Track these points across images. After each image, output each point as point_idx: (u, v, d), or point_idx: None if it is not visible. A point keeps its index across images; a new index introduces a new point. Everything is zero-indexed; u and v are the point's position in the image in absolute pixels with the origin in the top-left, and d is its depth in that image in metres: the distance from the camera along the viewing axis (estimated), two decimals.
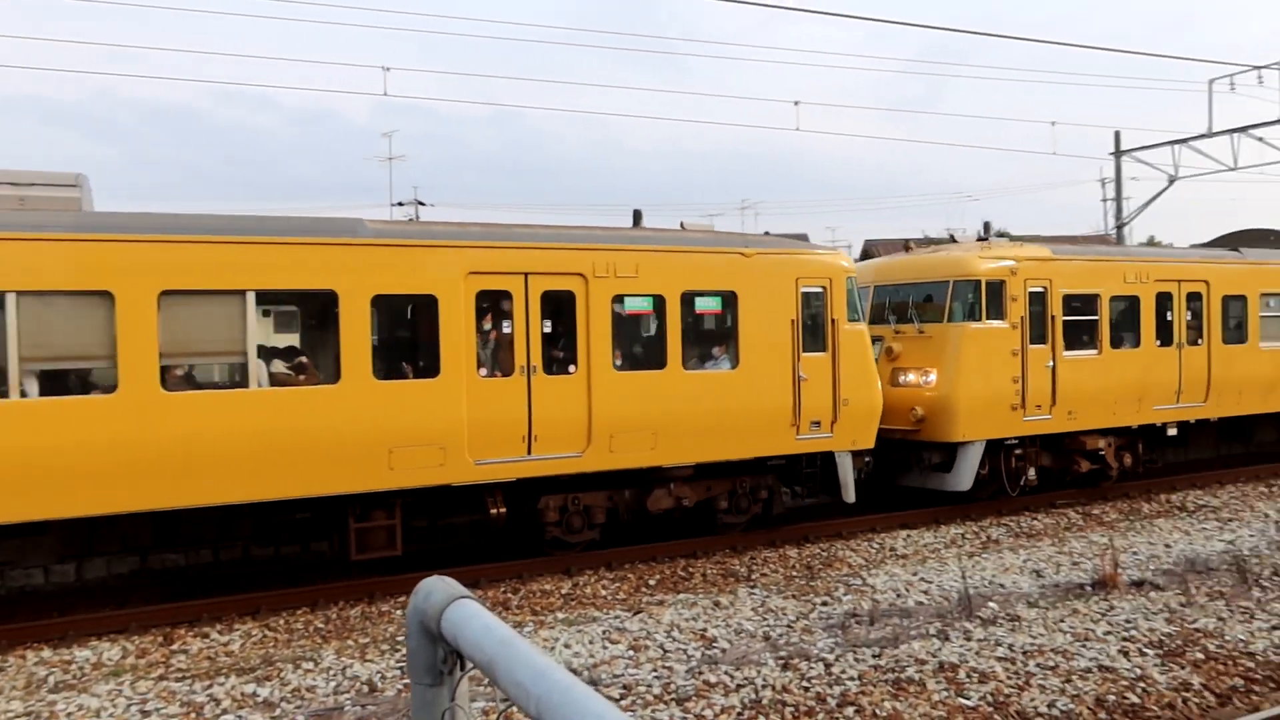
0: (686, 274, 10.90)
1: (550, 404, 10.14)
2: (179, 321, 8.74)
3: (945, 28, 16.37)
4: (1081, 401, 13.68)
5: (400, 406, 9.47)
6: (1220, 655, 7.65)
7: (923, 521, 12.79)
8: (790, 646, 7.96)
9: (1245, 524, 12.44)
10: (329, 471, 9.19)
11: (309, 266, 9.20)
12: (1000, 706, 6.72)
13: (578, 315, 10.32)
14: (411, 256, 9.62)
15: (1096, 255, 14.86)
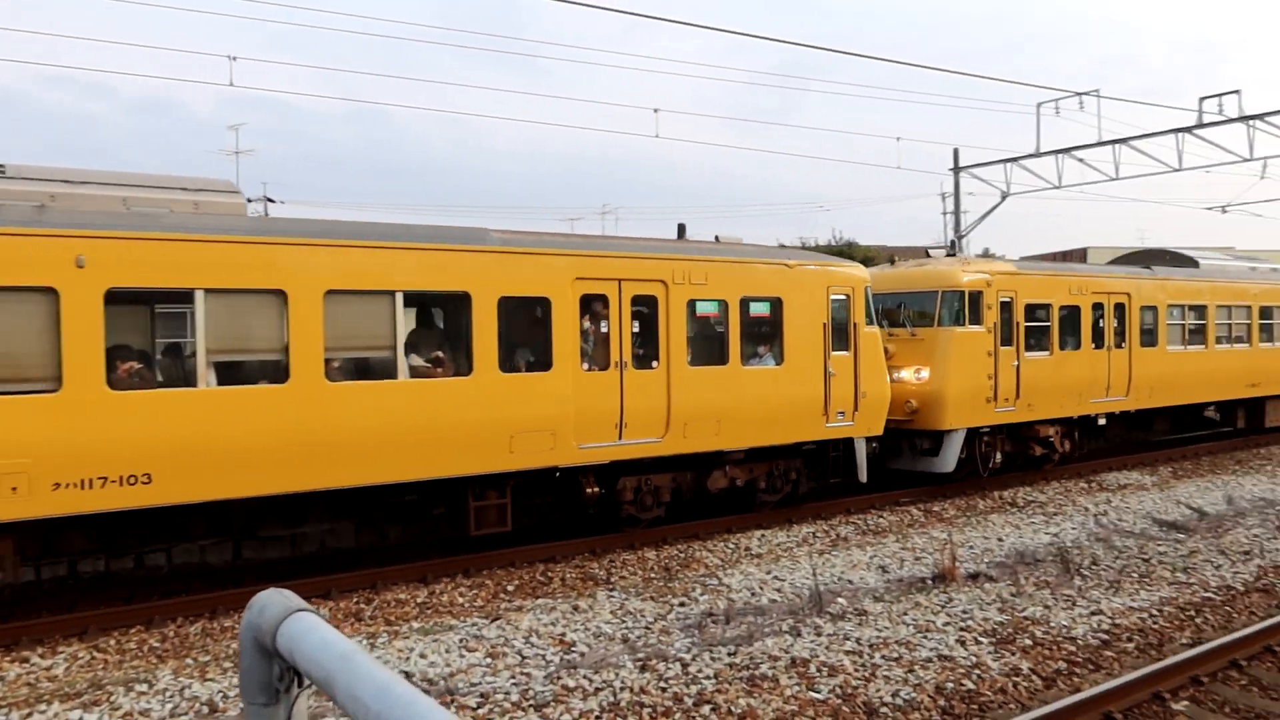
0: (744, 282, 12.36)
1: (637, 395, 11.42)
2: (339, 318, 9.54)
3: (799, 43, 16.91)
4: (1038, 395, 15.93)
5: (520, 396, 10.58)
6: (1046, 641, 8.16)
7: (776, 522, 13.14)
8: (648, 648, 8.02)
9: (1068, 518, 13.33)
10: (461, 455, 10.20)
11: (447, 271, 10.19)
12: (848, 698, 6.96)
13: (659, 317, 11.67)
14: (530, 262, 10.71)
15: (1049, 271, 17.16)
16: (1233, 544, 11.64)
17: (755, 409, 12.35)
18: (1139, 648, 8.13)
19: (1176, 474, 17.19)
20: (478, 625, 8.70)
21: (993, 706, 6.88)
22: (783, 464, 13.24)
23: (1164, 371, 18.31)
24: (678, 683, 7.23)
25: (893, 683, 7.22)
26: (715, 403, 11.99)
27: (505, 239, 10.69)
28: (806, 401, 12.92)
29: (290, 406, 9.20)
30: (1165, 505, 14.12)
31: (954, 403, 14.73)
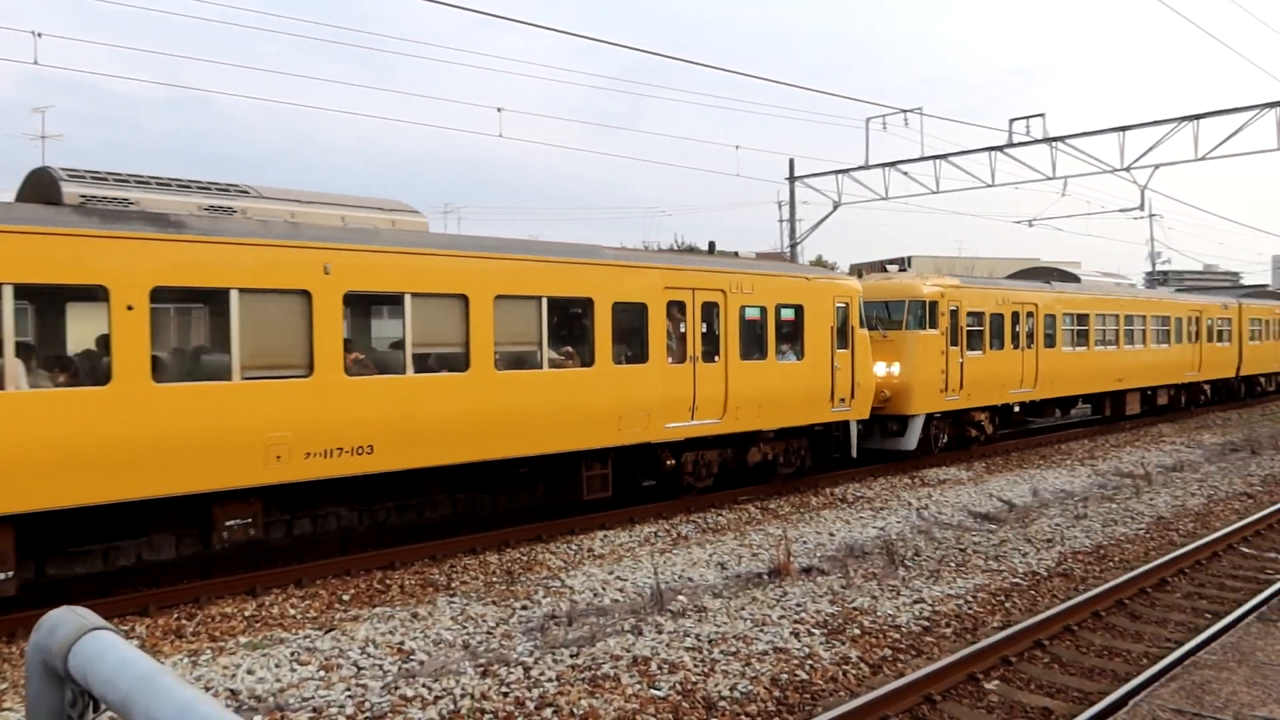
0: (778, 292, 14.88)
1: (705, 384, 13.71)
2: (504, 318, 11.37)
3: (644, 49, 17.11)
4: (976, 387, 19.08)
5: (627, 384, 12.70)
6: (873, 630, 8.56)
7: (618, 522, 13.24)
8: (490, 653, 7.92)
9: (893, 512, 14.03)
10: (585, 432, 12.23)
11: (576, 280, 12.21)
12: (688, 694, 7.08)
13: (720, 320, 13.99)
14: (635, 274, 12.91)
15: (982, 285, 20.32)
16: (1038, 533, 12.55)
17: (784, 395, 14.91)
18: (956, 632, 8.64)
19: (989, 469, 18.39)
20: (311, 637, 8.36)
21: (824, 695, 7.16)
22: (795, 443, 15.80)
23: (1060, 368, 21.84)
24: (520, 687, 7.17)
25: (731, 676, 7.40)
26: (757, 390, 14.46)
27: (616, 254, 13.15)
28: (819, 390, 15.60)
29: (470, 391, 11.08)
30: (979, 498, 15.08)
31: (918, 392, 17.76)
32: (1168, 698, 5.86)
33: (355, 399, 10.10)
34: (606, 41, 15.20)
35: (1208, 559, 11.20)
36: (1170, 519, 13.65)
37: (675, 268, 13.58)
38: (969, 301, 19.07)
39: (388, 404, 10.35)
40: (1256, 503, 14.89)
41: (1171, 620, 9.05)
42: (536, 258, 11.86)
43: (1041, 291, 21.79)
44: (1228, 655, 6.64)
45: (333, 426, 9.89)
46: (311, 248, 9.86)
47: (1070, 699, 7.15)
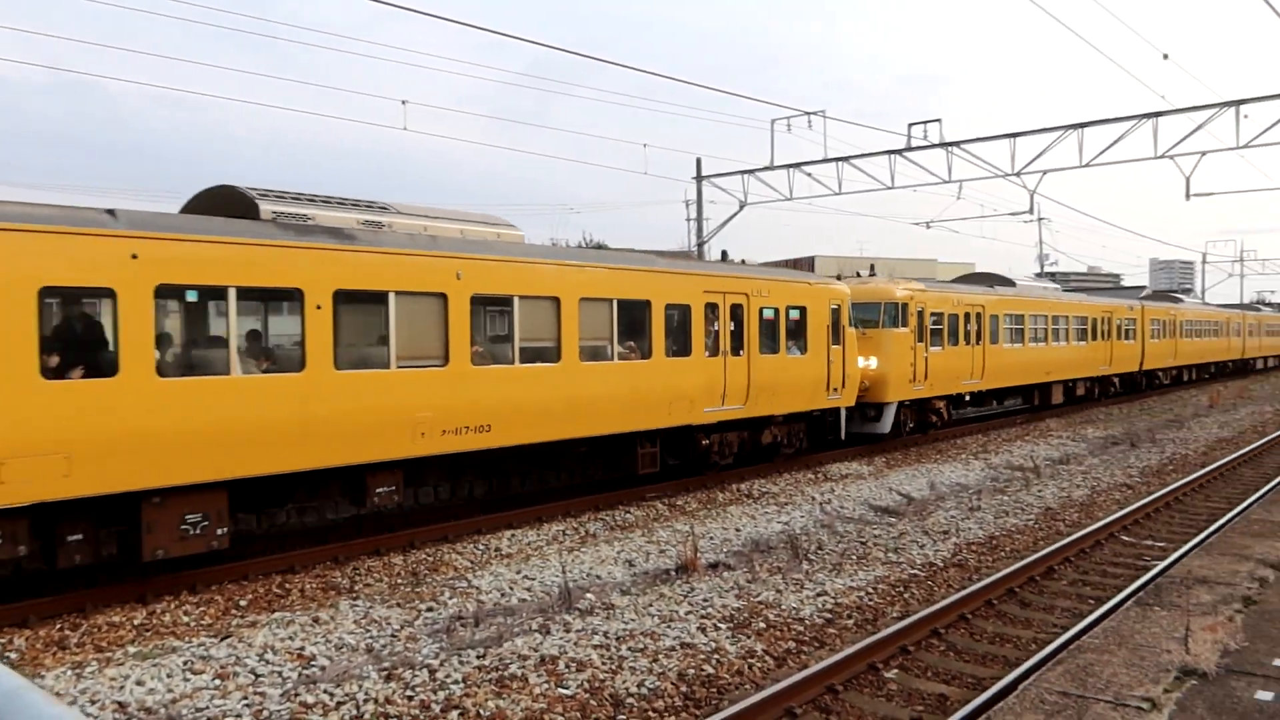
0: (788, 295, 17.08)
1: (732, 374, 15.74)
2: (585, 317, 13.26)
3: (552, 45, 17.04)
4: (936, 378, 21.59)
5: (675, 374, 14.67)
6: (778, 623, 8.72)
7: (526, 521, 13.17)
8: (394, 656, 7.79)
9: (797, 507, 14.31)
10: (643, 415, 14.18)
11: (638, 285, 14.22)
12: (596, 692, 7.09)
13: (744, 319, 16.03)
14: (682, 279, 14.97)
15: (941, 289, 22.80)
16: (934, 525, 12.97)
17: (792, 385, 17.11)
18: (857, 623, 8.87)
19: (889, 464, 18.92)
20: (205, 645, 8.09)
21: (730, 688, 7.26)
22: (795, 426, 17.94)
23: (1002, 362, 24.77)
24: (425, 690, 7.07)
25: (638, 673, 7.44)
26: (772, 380, 16.58)
27: (668, 263, 15.50)
28: (818, 380, 17.84)
29: (562, 379, 12.91)
30: (880, 492, 15.50)
31: (893, 383, 20.17)
32: (1054, 681, 6.13)
33: (478, 385, 11.90)
34: (513, 36, 15.10)
35: (1091, 547, 11.75)
36: (1057, 510, 14.27)
37: (711, 274, 15.82)
38: (931, 304, 21.59)
39: (502, 389, 12.17)
40: (1135, 493, 15.68)
41: (1058, 607, 9.47)
42: (609, 266, 13.95)
43: (987, 295, 24.65)
44: (1109, 639, 6.98)
45: (462, 408, 11.70)
46: (447, 257, 11.64)
47: (965, 685, 7.41)
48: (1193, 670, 6.20)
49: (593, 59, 17.40)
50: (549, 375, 12.75)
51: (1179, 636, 6.86)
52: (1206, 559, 9.41)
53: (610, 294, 13.70)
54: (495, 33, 14.02)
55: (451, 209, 12.97)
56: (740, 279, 16.19)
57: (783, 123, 27.27)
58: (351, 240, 10.72)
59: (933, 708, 6.98)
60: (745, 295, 16.09)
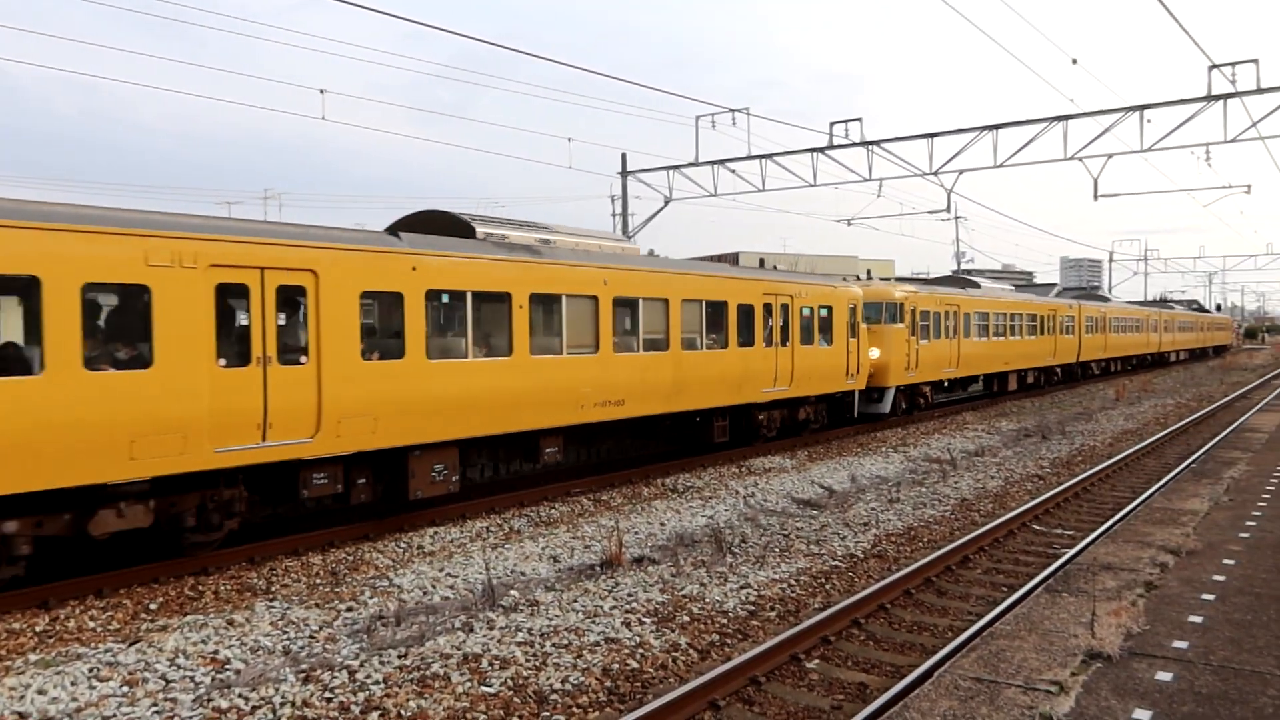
0: (820, 296, 20.58)
1: (782, 362, 19.22)
2: (684, 314, 16.40)
3: (473, 37, 16.80)
4: (924, 367, 25.38)
5: (745, 361, 18.02)
6: (702, 616, 8.78)
7: (449, 518, 13.02)
8: (313, 658, 7.62)
9: (721, 500, 14.43)
10: (720, 394, 17.39)
11: (720, 289, 17.45)
12: (520, 689, 7.05)
13: (790, 316, 19.50)
14: (749, 284, 18.26)
15: (929, 291, 26.56)
16: (855, 517, 13.21)
17: (822, 370, 20.54)
18: (780, 615, 8.98)
19: (812, 457, 19.21)
20: (112, 651, 7.80)
21: (655, 682, 7.28)
22: (820, 406, 21.53)
23: (972, 353, 28.69)
24: (344, 691, 6.94)
25: (563, 669, 7.41)
26: (807, 366, 19.95)
27: (739, 271, 18.88)
28: (840, 367, 21.26)
29: (670, 365, 16.10)
30: (802, 485, 15.72)
31: (893, 370, 23.84)
32: (968, 667, 6.29)
33: (617, 368, 15.02)
34: (434, 27, 14.86)
35: (1004, 537, 12.11)
36: (972, 500, 14.67)
37: (768, 279, 19.13)
38: (921, 303, 25.43)
39: (632, 372, 15.30)
40: (1046, 484, 16.21)
41: (973, 595, 9.73)
42: (700, 273, 17.23)
43: (962, 295, 28.52)
44: (1020, 625, 7.20)
45: (607, 386, 14.79)
46: (598, 268, 14.76)
47: (884, 673, 7.57)
48: (1098, 654, 6.43)
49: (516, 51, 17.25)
50: (662, 361, 15.97)
51: (1085, 621, 7.11)
52: (1112, 546, 9.77)
53: (701, 296, 16.96)
54: (417, 23, 13.78)
55: (590, 229, 16.29)
56: (787, 284, 19.68)
57: (707, 119, 27.44)
58: (538, 255, 13.86)
59: (853, 696, 7.11)
60: (791, 297, 19.60)
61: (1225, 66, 21.22)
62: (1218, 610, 7.46)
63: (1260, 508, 11.66)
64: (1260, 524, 10.69)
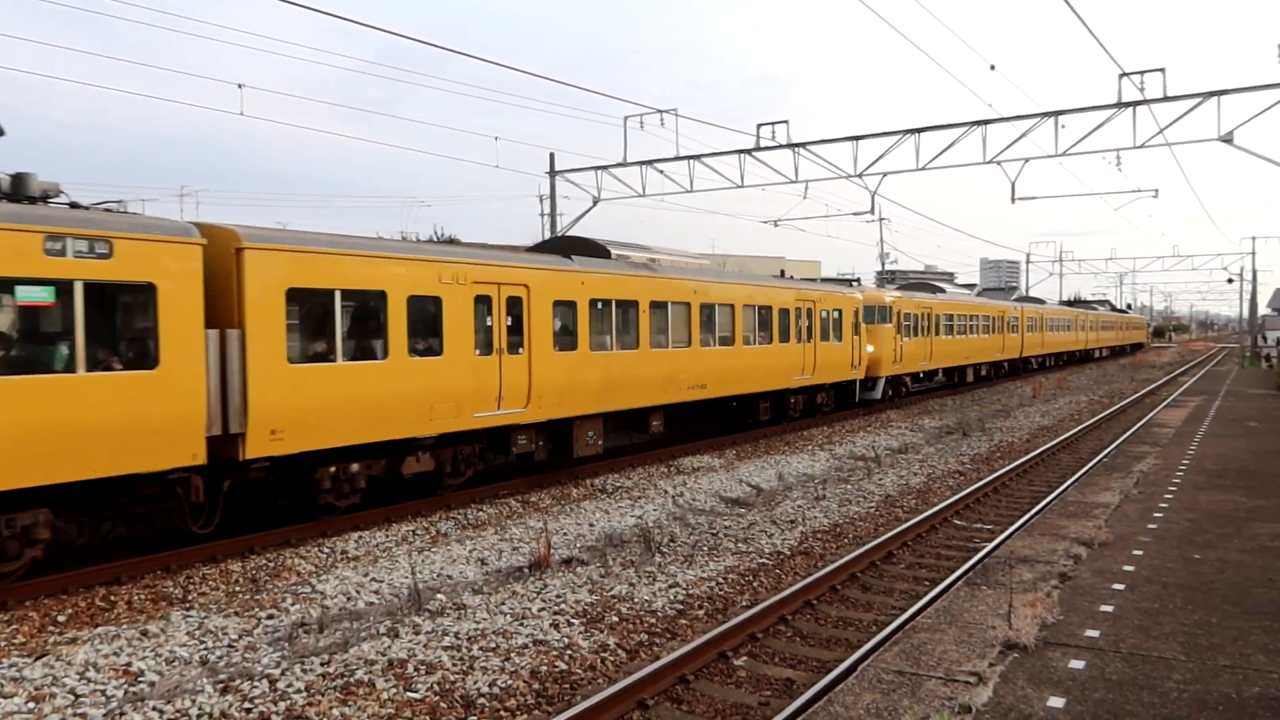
0: (835, 302, 25.27)
1: (807, 355, 23.70)
2: (748, 317, 21.07)
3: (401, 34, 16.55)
4: (908, 360, 30.33)
5: (784, 354, 22.51)
6: (631, 616, 8.78)
7: (374, 522, 12.80)
8: (232, 667, 7.42)
9: (650, 500, 14.47)
10: (765, 381, 21.77)
11: (768, 295, 22.02)
12: (446, 694, 6.96)
13: (814, 317, 23.88)
14: (789, 292, 22.94)
15: (909, 295, 31.82)
16: (782, 515, 13.36)
17: (834, 362, 25.20)
18: (708, 613, 9.03)
19: (740, 456, 19.38)
20: (18, 665, 7.48)
21: (583, 684, 7.26)
22: (831, 393, 26.37)
23: (942, 350, 33.83)
24: (265, 701, 6.77)
25: (490, 673, 7.34)
26: (827, 359, 24.72)
27: (780, 282, 23.27)
28: (848, 361, 26.02)
29: (736, 356, 20.30)
30: (730, 484, 15.85)
31: (884, 363, 28.55)
32: (891, 661, 6.41)
33: (702, 359, 19.10)
34: (358, 22, 14.60)
35: (927, 532, 12.38)
36: (896, 497, 14.97)
37: (800, 288, 23.73)
38: (905, 306, 30.38)
39: (711, 362, 19.37)
40: (967, 479, 16.62)
41: (897, 589, 9.93)
42: (755, 284, 21.78)
43: (934, 299, 33.62)
44: (941, 619, 7.36)
45: (696, 373, 18.86)
46: (690, 280, 18.95)
47: (810, 669, 7.67)
48: (1015, 644, 6.61)
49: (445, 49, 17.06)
50: (730, 353, 20.12)
51: (1003, 613, 7.30)
52: (1028, 539, 10.06)
53: (756, 301, 21.37)
54: (340, 17, 13.52)
55: (680, 249, 20.56)
56: (812, 291, 24.42)
57: (636, 120, 27.46)
58: (653, 271, 18.08)
59: (780, 692, 7.18)
60: (814, 302, 24.13)
61: (1135, 75, 22.02)
62: (1127, 599, 7.73)
63: (1167, 500, 12.12)
64: (1167, 515, 11.12)
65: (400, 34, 15.52)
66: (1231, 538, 9.92)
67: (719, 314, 19.78)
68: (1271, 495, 12.31)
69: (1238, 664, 6.21)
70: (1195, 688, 5.80)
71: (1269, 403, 27.65)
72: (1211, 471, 14.41)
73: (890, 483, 16.15)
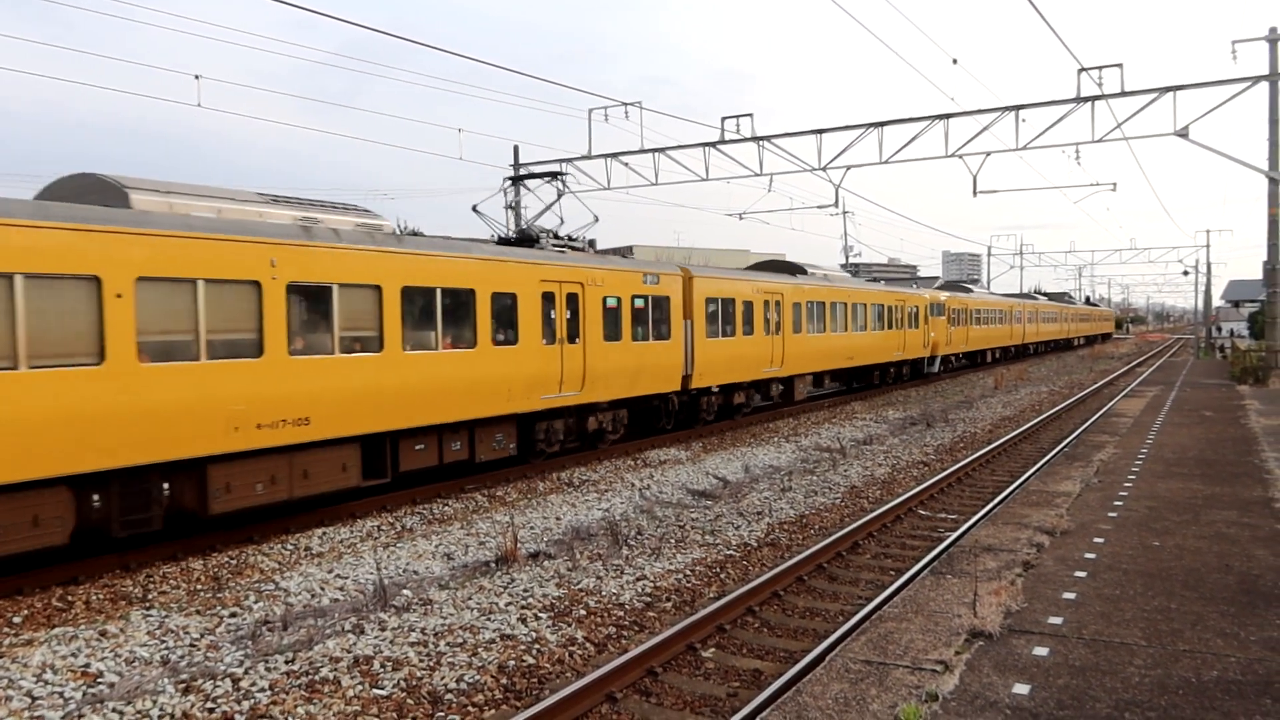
0: (916, 300, 35.18)
1: (904, 338, 34.22)
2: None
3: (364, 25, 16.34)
4: (954, 344, 40.24)
5: (898, 339, 33.40)
6: (598, 609, 8.76)
7: (338, 518, 12.67)
8: (194, 667, 7.30)
9: (617, 493, 14.45)
10: (868, 357, 30.64)
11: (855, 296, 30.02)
12: (413, 690, 6.90)
13: (905, 312, 34.00)
14: (895, 295, 33.74)
15: (950, 294, 40.69)
16: (749, 507, 13.41)
17: (916, 344, 34.69)
18: (676, 605, 9.04)
19: (706, 448, 19.42)
20: None
21: (551, 677, 7.23)
22: (908, 366, 34.54)
23: (969, 335, 42.58)
24: (228, 701, 6.67)
25: (457, 668, 7.29)
26: (911, 342, 34.17)
27: (896, 288, 34.62)
28: (922, 343, 35.01)
29: (832, 341, 27.39)
30: (697, 476, 15.88)
31: (940, 345, 38.04)
32: (858, 650, 6.45)
33: (853, 340, 28.26)
34: (319, 13, 14.38)
35: (892, 522, 12.48)
36: (861, 487, 15.08)
37: (902, 292, 32.35)
38: (952, 303, 39.55)
39: (858, 342, 28.11)
40: (931, 470, 16.79)
41: (863, 579, 9.99)
42: (878, 290, 31.11)
43: (969, 297, 43.22)
44: (907, 608, 7.41)
45: (850, 349, 27.86)
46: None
47: (778, 659, 7.69)
48: (980, 632, 6.67)
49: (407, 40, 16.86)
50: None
51: (968, 601, 7.37)
52: (992, 528, 10.17)
53: (880, 301, 30.86)
54: (301, 8, 13.32)
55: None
56: (908, 294, 33.54)
57: (600, 113, 27.40)
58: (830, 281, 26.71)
59: (748, 683, 7.20)
60: (903, 300, 33.49)
61: (1093, 70, 22.33)
62: (1089, 587, 7.84)
63: (1126, 488, 12.32)
64: (1126, 503, 11.30)
65: (362, 25, 15.33)
66: (1189, 525, 10.10)
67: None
68: (1227, 483, 12.56)
69: (1196, 648, 6.32)
70: (1156, 672, 5.89)
71: (1224, 392, 28.21)
72: (1169, 460, 14.67)
73: (855, 474, 16.27)
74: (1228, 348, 59.23)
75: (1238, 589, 7.68)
